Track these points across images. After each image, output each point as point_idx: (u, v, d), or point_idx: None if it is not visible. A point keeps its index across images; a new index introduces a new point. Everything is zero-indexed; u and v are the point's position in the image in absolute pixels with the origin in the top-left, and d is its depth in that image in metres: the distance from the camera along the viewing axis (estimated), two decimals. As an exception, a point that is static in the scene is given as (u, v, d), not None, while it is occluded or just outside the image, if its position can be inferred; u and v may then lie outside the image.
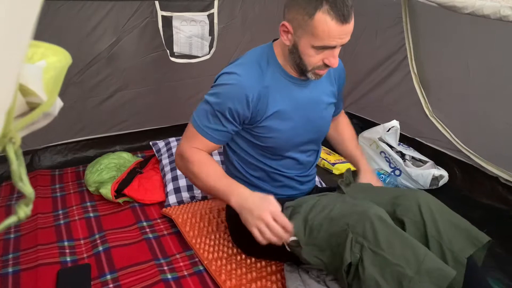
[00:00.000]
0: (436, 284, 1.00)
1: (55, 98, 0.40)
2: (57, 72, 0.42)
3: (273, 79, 1.32)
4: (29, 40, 0.34)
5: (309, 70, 1.28)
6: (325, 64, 1.25)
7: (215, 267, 1.49)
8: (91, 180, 2.00)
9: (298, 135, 1.40)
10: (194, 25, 2.30)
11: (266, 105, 1.31)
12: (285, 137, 1.37)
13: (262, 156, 1.42)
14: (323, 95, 1.45)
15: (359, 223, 1.11)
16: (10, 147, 0.35)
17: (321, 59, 1.25)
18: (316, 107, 1.42)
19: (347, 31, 1.22)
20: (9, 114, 0.33)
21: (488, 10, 1.59)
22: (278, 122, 1.34)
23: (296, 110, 1.36)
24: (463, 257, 1.12)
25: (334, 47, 1.23)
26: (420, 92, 2.41)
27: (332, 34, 1.19)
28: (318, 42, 1.20)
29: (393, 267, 1.04)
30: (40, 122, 0.40)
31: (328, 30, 1.18)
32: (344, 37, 1.23)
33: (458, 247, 1.14)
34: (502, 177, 2.05)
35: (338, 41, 1.22)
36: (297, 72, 1.33)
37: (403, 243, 1.07)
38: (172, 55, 2.31)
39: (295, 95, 1.36)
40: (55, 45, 0.43)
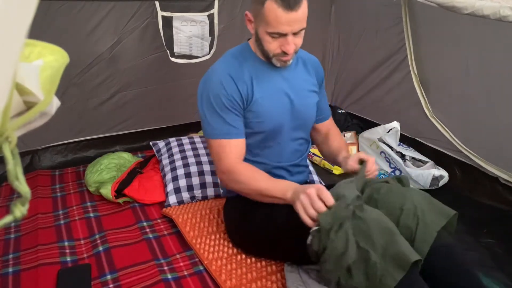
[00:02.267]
0: (400, 266, 1.05)
1: (51, 97, 0.40)
2: (54, 71, 0.42)
3: (253, 68, 1.44)
4: (25, 38, 0.34)
5: (271, 56, 1.38)
6: (283, 51, 1.35)
7: (215, 267, 1.49)
8: (91, 180, 2.00)
9: (285, 120, 1.48)
10: (194, 25, 2.30)
11: (252, 90, 1.41)
12: (273, 121, 1.45)
13: (256, 148, 1.49)
14: (302, 82, 1.54)
15: None
16: (6, 146, 0.35)
17: (278, 46, 1.34)
18: (298, 93, 1.50)
19: (295, 19, 1.28)
20: (5, 113, 0.33)
21: (488, 11, 1.59)
22: (265, 106, 1.43)
23: (279, 94, 1.46)
24: (434, 230, 1.18)
25: (286, 35, 1.31)
26: (420, 92, 2.41)
27: (280, 21, 1.27)
28: (270, 29, 1.30)
29: (362, 251, 1.08)
30: (36, 121, 0.40)
31: (276, 17, 1.27)
32: (293, 25, 1.29)
33: (430, 220, 1.20)
34: (502, 178, 2.04)
35: (287, 28, 1.29)
36: (266, 59, 1.43)
37: (376, 229, 1.11)
38: (172, 55, 2.31)
39: (275, 80, 1.46)
40: (52, 44, 0.43)
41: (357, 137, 2.68)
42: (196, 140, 2.23)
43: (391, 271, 1.06)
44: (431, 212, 1.23)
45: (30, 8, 0.33)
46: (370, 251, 1.08)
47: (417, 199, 1.25)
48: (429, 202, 1.27)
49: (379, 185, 1.34)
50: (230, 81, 1.39)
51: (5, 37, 0.30)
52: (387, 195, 1.29)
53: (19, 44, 0.32)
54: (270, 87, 1.44)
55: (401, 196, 1.27)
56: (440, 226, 1.20)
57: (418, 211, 1.22)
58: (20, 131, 0.38)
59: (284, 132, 1.49)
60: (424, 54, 2.38)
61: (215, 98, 1.38)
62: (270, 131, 1.46)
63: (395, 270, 1.06)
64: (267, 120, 1.44)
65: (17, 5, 0.31)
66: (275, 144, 1.50)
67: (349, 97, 3.05)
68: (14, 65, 0.33)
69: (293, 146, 1.55)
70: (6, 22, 0.30)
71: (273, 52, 1.36)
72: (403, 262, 1.05)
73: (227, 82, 1.38)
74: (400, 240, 1.10)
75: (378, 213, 1.17)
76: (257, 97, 1.41)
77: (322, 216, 1.16)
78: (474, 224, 1.87)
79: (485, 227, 1.86)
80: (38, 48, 0.42)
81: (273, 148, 1.51)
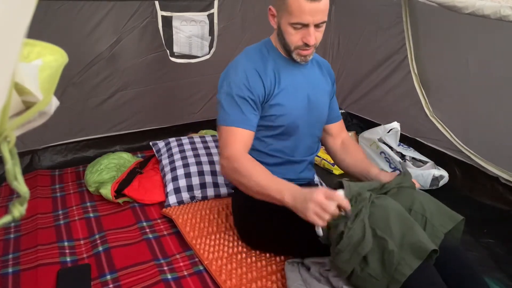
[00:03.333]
0: (417, 255, 1.08)
1: (51, 97, 0.40)
2: (53, 71, 0.42)
3: (275, 62, 1.47)
4: (23, 38, 0.34)
5: (293, 49, 1.42)
6: (305, 43, 1.38)
7: (215, 267, 1.49)
8: (91, 180, 2.00)
9: (303, 115, 1.51)
10: (194, 25, 2.30)
11: (275, 84, 1.45)
12: (292, 115, 1.48)
13: (273, 140, 1.52)
14: (318, 80, 1.59)
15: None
16: (5, 145, 0.35)
17: (300, 38, 1.38)
18: (314, 89, 1.55)
19: (318, 9, 1.33)
20: (3, 112, 0.33)
21: (488, 10, 1.59)
22: (286, 100, 1.46)
23: (299, 90, 1.50)
24: (441, 232, 1.20)
25: (308, 25, 1.35)
26: (421, 92, 2.41)
27: (303, 10, 1.32)
28: (293, 19, 1.34)
29: (379, 240, 1.11)
30: (35, 121, 0.40)
31: (299, 6, 1.31)
32: (316, 15, 1.34)
33: (438, 222, 1.22)
34: (502, 177, 2.04)
35: (310, 19, 1.34)
36: (286, 54, 1.47)
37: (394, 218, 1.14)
38: (172, 55, 2.31)
39: (295, 74, 1.50)
40: (52, 44, 0.43)
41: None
42: (196, 140, 2.23)
43: (408, 259, 1.08)
44: (439, 215, 1.25)
45: (29, 8, 0.33)
46: (388, 239, 1.10)
47: (425, 201, 1.27)
48: (437, 206, 1.29)
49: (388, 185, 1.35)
50: (255, 74, 1.42)
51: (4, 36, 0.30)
52: (396, 195, 1.30)
53: (18, 43, 0.32)
54: (291, 82, 1.48)
55: (409, 196, 1.28)
56: (447, 229, 1.22)
57: (426, 213, 1.23)
58: (19, 130, 0.38)
59: (301, 128, 1.52)
60: (424, 54, 2.38)
61: (237, 87, 1.41)
62: (288, 125, 1.49)
63: (412, 259, 1.08)
64: (287, 114, 1.47)
65: (16, 4, 0.31)
66: (291, 138, 1.53)
67: (349, 97, 3.05)
68: (13, 65, 0.33)
69: (307, 142, 1.58)
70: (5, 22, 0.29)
71: (295, 44, 1.40)
72: (420, 250, 1.08)
73: (252, 75, 1.42)
74: (418, 229, 1.12)
75: (395, 203, 1.19)
76: (280, 91, 1.45)
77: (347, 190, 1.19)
78: (474, 224, 1.86)
79: (485, 227, 1.86)
80: (37, 48, 0.42)
81: (289, 142, 1.53)
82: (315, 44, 1.40)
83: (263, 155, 1.52)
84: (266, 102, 1.45)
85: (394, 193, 1.31)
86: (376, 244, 1.11)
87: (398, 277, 1.08)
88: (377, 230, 1.12)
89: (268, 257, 1.56)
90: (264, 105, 1.46)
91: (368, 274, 1.12)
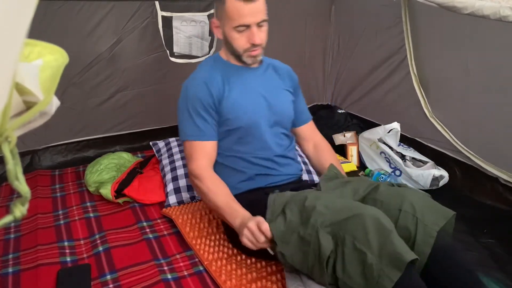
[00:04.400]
0: (396, 266, 1.05)
1: (51, 97, 0.40)
2: (53, 71, 0.42)
3: (224, 71, 1.57)
4: (24, 38, 0.34)
5: (242, 53, 1.51)
6: (252, 44, 1.48)
7: (215, 267, 1.49)
8: (91, 180, 2.00)
9: (261, 115, 1.58)
10: (194, 25, 2.30)
11: (223, 89, 1.54)
12: (247, 115, 1.55)
13: (237, 145, 1.58)
14: (274, 81, 1.66)
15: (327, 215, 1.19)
16: (6, 146, 0.35)
17: (246, 40, 1.48)
18: (271, 91, 1.62)
19: (256, 9, 1.43)
20: (4, 113, 0.33)
21: (488, 11, 1.59)
22: (237, 101, 1.54)
23: (252, 91, 1.58)
24: (434, 230, 1.19)
25: (250, 26, 1.44)
26: (420, 92, 2.41)
27: (242, 13, 1.42)
28: (235, 23, 1.44)
29: (358, 253, 1.10)
30: (36, 121, 0.40)
31: (238, 10, 1.42)
32: (255, 15, 1.44)
33: (430, 221, 1.21)
34: (502, 178, 2.04)
35: (250, 19, 1.43)
36: (237, 60, 1.57)
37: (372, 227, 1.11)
38: (172, 55, 2.31)
39: (247, 79, 1.59)
40: (52, 44, 0.43)
41: (357, 137, 2.68)
42: (196, 140, 2.23)
43: (387, 272, 1.06)
44: (430, 213, 1.23)
45: (29, 8, 0.33)
46: (367, 252, 1.08)
47: (415, 199, 1.26)
48: (428, 203, 1.28)
49: (376, 183, 1.37)
50: (203, 86, 1.52)
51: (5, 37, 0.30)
52: (384, 195, 1.30)
53: (19, 44, 0.32)
54: (243, 85, 1.56)
55: (399, 196, 1.28)
56: (440, 226, 1.21)
57: (417, 213, 1.22)
58: (20, 130, 0.38)
59: (262, 127, 1.58)
60: (424, 54, 2.38)
61: (190, 103, 1.52)
62: (247, 126, 1.55)
63: (391, 271, 1.06)
64: (241, 114, 1.54)
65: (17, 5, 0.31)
66: (255, 139, 1.57)
67: (349, 97, 3.05)
68: (14, 65, 0.33)
69: (274, 140, 1.61)
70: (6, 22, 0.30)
71: (243, 47, 1.49)
72: (399, 262, 1.06)
73: (201, 88, 1.52)
74: (395, 239, 1.09)
75: (376, 211, 1.17)
76: (229, 94, 1.53)
77: (275, 230, 1.23)
78: (474, 224, 1.87)
79: (485, 227, 1.86)
80: (38, 47, 0.42)
81: (254, 143, 1.58)
82: (261, 44, 1.50)
83: (233, 158, 1.58)
84: (219, 107, 1.53)
85: (382, 191, 1.31)
86: (356, 257, 1.10)
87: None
88: (356, 243, 1.10)
89: (268, 257, 1.56)
90: (219, 111, 1.54)
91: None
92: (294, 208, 1.25)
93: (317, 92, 3.22)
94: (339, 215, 1.16)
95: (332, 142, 2.72)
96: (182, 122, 1.56)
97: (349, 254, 1.11)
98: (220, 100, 1.53)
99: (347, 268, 1.11)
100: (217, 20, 1.52)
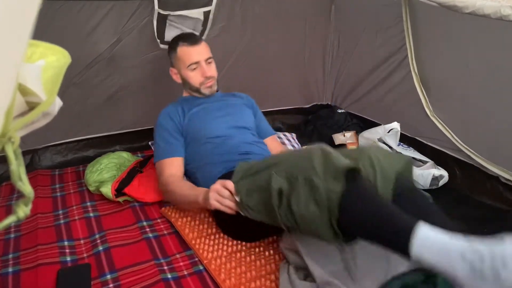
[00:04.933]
0: (337, 179, 1.11)
1: (54, 98, 0.40)
2: (56, 72, 0.42)
3: (185, 103, 1.93)
4: (28, 40, 0.34)
5: (199, 87, 1.90)
6: (205, 77, 1.87)
7: (214, 266, 1.49)
8: (92, 179, 2.00)
9: (223, 125, 1.85)
10: (189, 21, 2.30)
11: (183, 113, 1.88)
12: (211, 126, 1.84)
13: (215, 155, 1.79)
14: (231, 101, 2.01)
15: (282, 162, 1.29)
16: (9, 146, 0.35)
17: (199, 75, 1.87)
18: (230, 105, 1.97)
19: (200, 50, 1.87)
20: (8, 113, 0.33)
21: (489, 10, 1.59)
22: (198, 117, 1.87)
23: (211, 109, 1.90)
24: (393, 170, 1.27)
25: (199, 62, 1.85)
26: (421, 91, 2.41)
27: (191, 54, 1.85)
28: (187, 63, 1.86)
29: (309, 182, 1.15)
30: (39, 121, 0.40)
31: (187, 53, 1.86)
32: (202, 54, 1.86)
33: (387, 165, 1.28)
34: (502, 177, 2.04)
35: (198, 57, 1.85)
36: (197, 93, 1.94)
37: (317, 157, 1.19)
38: (163, 43, 2.31)
39: (205, 103, 1.92)
40: (54, 45, 0.43)
41: (357, 136, 2.68)
42: (196, 140, 2.23)
43: (332, 187, 1.11)
44: (387, 159, 1.30)
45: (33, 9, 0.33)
46: (313, 178, 1.13)
47: (372, 152, 1.32)
48: (383, 152, 1.37)
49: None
50: (167, 116, 1.87)
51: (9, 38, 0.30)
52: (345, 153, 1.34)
53: (23, 45, 0.32)
54: (201, 107, 1.90)
55: (358, 152, 1.34)
56: (397, 168, 1.28)
57: (374, 161, 1.27)
58: (23, 131, 0.38)
59: (231, 135, 1.83)
60: (424, 54, 2.38)
61: (158, 131, 1.86)
62: (215, 137, 1.81)
63: (334, 185, 1.11)
64: (205, 126, 1.84)
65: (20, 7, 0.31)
66: (228, 146, 1.79)
67: (349, 96, 3.05)
68: (17, 67, 0.33)
69: (245, 140, 1.85)
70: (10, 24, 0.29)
71: (198, 81, 1.88)
72: (338, 174, 1.12)
73: (165, 118, 1.87)
74: (334, 157, 1.17)
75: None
76: (190, 115, 1.86)
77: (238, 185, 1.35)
78: (474, 224, 1.87)
79: (485, 226, 1.86)
80: (40, 48, 0.42)
81: (229, 147, 1.79)
82: (213, 76, 1.89)
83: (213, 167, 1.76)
84: (182, 128, 1.85)
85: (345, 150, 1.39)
86: (307, 187, 1.14)
87: (332, 207, 1.10)
88: (305, 174, 1.16)
89: (267, 256, 1.56)
90: (185, 129, 1.85)
91: (310, 219, 1.15)
92: (256, 167, 1.34)
93: (317, 91, 3.22)
94: (293, 162, 1.25)
95: (332, 142, 2.72)
96: (154, 148, 1.87)
97: (300, 187, 1.16)
98: (181, 123, 1.85)
99: (301, 200, 1.15)
100: (174, 68, 1.93)
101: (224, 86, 2.75)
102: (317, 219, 1.13)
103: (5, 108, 0.33)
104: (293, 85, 3.08)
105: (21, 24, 0.32)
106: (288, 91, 3.08)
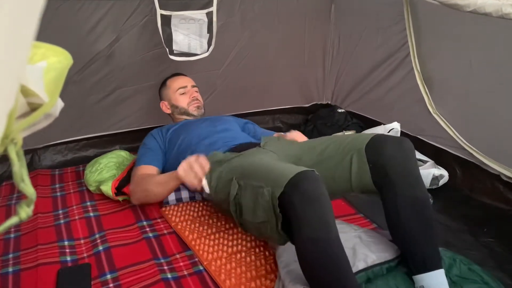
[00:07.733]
0: (278, 185, 1.17)
1: (56, 99, 0.40)
2: (58, 73, 0.42)
3: (171, 125, 2.05)
4: (31, 42, 0.33)
5: (188, 107, 2.07)
6: (192, 97, 2.08)
7: (214, 267, 1.49)
8: (92, 179, 2.00)
9: (206, 129, 1.91)
10: (192, 23, 2.29)
11: (166, 132, 1.99)
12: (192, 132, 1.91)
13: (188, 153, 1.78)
14: (218, 116, 2.14)
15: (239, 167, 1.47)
16: (12, 148, 0.34)
17: (188, 96, 2.08)
18: (215, 119, 2.05)
19: (186, 80, 2.15)
20: (11, 115, 0.33)
21: (490, 8, 1.59)
22: (180, 127, 1.98)
23: (194, 124, 1.98)
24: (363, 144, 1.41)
25: (186, 87, 2.10)
26: (424, 89, 2.40)
27: (178, 80, 2.13)
28: (176, 88, 2.09)
29: (257, 190, 1.25)
30: (41, 122, 0.40)
31: (175, 80, 2.14)
32: (189, 81, 2.14)
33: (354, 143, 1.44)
34: (504, 175, 2.04)
35: (186, 83, 2.12)
36: (185, 116, 2.09)
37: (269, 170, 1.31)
38: (171, 53, 2.30)
39: (190, 122, 2.03)
40: (56, 46, 0.43)
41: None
42: (196, 139, 2.23)
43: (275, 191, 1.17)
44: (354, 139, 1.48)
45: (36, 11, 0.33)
46: (263, 185, 1.22)
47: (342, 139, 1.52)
48: (352, 135, 1.56)
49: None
50: (151, 138, 1.99)
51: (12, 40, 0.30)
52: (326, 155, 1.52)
53: (26, 47, 0.32)
54: (185, 124, 2.00)
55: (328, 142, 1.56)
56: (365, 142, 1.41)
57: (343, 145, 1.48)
58: (25, 132, 0.38)
59: (216, 136, 1.86)
60: (426, 52, 2.38)
61: (141, 148, 1.96)
62: (200, 143, 1.82)
63: (277, 188, 1.17)
64: (186, 133, 1.91)
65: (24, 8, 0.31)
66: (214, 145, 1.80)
67: (350, 96, 3.05)
68: (21, 68, 0.32)
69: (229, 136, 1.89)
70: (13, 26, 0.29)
71: (187, 102, 2.07)
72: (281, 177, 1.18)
73: (149, 140, 1.99)
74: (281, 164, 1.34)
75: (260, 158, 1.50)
76: (173, 130, 1.97)
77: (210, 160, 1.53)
78: (474, 223, 1.87)
79: (485, 226, 1.86)
80: (42, 49, 0.42)
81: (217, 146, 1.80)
82: (199, 99, 2.10)
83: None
84: (164, 141, 1.96)
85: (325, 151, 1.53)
86: (256, 196, 1.24)
87: (275, 210, 1.18)
88: (253, 182, 1.28)
89: (267, 256, 1.56)
90: (166, 141, 1.96)
91: (259, 223, 1.26)
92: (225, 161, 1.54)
93: (317, 91, 3.22)
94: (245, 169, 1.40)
95: (332, 141, 2.72)
96: (139, 157, 1.93)
97: (246, 192, 1.30)
98: (164, 138, 1.97)
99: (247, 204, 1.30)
100: (164, 101, 2.14)
101: (224, 86, 2.75)
102: (266, 222, 1.24)
103: (8, 110, 0.33)
104: (293, 85, 3.08)
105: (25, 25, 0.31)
106: (288, 90, 3.08)
